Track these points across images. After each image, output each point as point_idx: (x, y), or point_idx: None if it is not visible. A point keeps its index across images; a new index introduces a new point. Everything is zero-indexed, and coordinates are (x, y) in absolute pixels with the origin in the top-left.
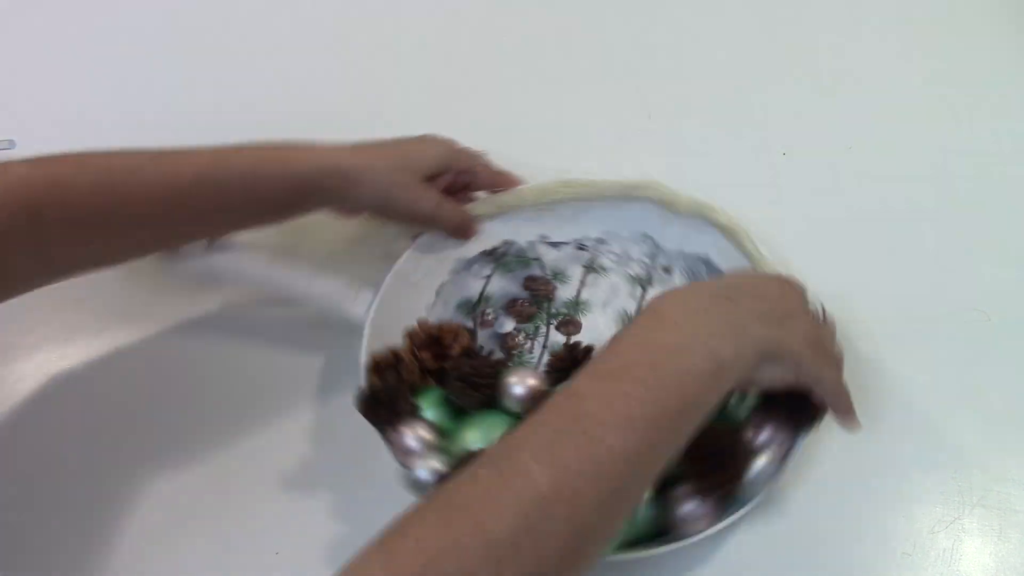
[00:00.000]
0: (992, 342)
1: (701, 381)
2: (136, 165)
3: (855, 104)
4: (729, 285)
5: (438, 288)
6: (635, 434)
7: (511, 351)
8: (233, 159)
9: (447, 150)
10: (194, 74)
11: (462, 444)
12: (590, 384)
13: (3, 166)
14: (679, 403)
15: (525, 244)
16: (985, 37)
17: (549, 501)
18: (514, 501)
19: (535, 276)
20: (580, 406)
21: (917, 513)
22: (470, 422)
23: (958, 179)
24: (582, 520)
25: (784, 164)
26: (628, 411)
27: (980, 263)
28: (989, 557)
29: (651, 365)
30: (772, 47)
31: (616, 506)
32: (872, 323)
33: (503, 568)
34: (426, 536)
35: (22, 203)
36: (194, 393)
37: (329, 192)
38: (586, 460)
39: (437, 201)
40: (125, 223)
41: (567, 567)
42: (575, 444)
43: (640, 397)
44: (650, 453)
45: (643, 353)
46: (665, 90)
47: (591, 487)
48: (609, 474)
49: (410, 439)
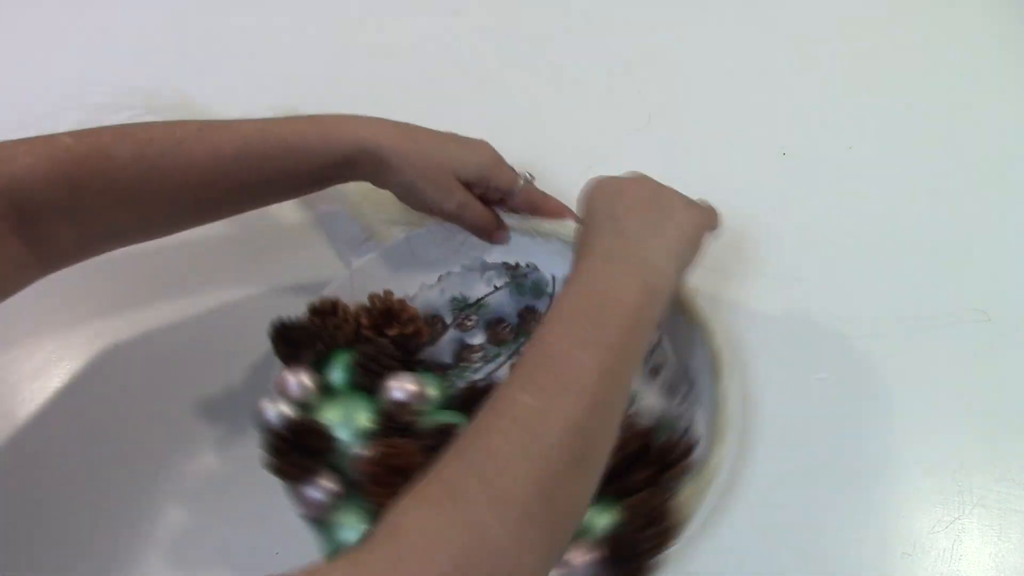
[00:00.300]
0: (992, 342)
1: (638, 310)
2: (180, 137)
3: (855, 104)
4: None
5: (444, 274)
6: (597, 355)
7: (460, 362)
8: (276, 133)
9: (490, 162)
10: (196, 72)
11: (322, 413)
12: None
13: (51, 137)
14: (625, 336)
15: (548, 276)
16: (985, 37)
17: (543, 414)
18: (512, 423)
19: (535, 309)
20: (545, 349)
21: (917, 513)
22: (343, 398)
23: (958, 179)
24: (576, 423)
25: (784, 164)
26: (586, 340)
27: (980, 263)
28: (989, 557)
29: (599, 308)
30: (772, 47)
31: (605, 409)
32: (872, 323)
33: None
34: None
35: (63, 172)
36: (193, 392)
37: (365, 168)
38: (566, 379)
39: (462, 202)
40: (166, 194)
41: (575, 468)
42: (553, 371)
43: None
44: (617, 368)
45: (590, 300)
46: (665, 90)
47: (575, 398)
48: (589, 386)
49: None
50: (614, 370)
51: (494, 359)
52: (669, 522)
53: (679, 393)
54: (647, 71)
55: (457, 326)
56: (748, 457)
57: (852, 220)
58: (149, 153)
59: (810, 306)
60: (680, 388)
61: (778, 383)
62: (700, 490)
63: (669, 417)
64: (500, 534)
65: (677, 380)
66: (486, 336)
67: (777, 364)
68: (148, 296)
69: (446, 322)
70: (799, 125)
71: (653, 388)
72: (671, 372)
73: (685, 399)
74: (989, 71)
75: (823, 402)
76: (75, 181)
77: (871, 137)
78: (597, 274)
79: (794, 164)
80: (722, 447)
